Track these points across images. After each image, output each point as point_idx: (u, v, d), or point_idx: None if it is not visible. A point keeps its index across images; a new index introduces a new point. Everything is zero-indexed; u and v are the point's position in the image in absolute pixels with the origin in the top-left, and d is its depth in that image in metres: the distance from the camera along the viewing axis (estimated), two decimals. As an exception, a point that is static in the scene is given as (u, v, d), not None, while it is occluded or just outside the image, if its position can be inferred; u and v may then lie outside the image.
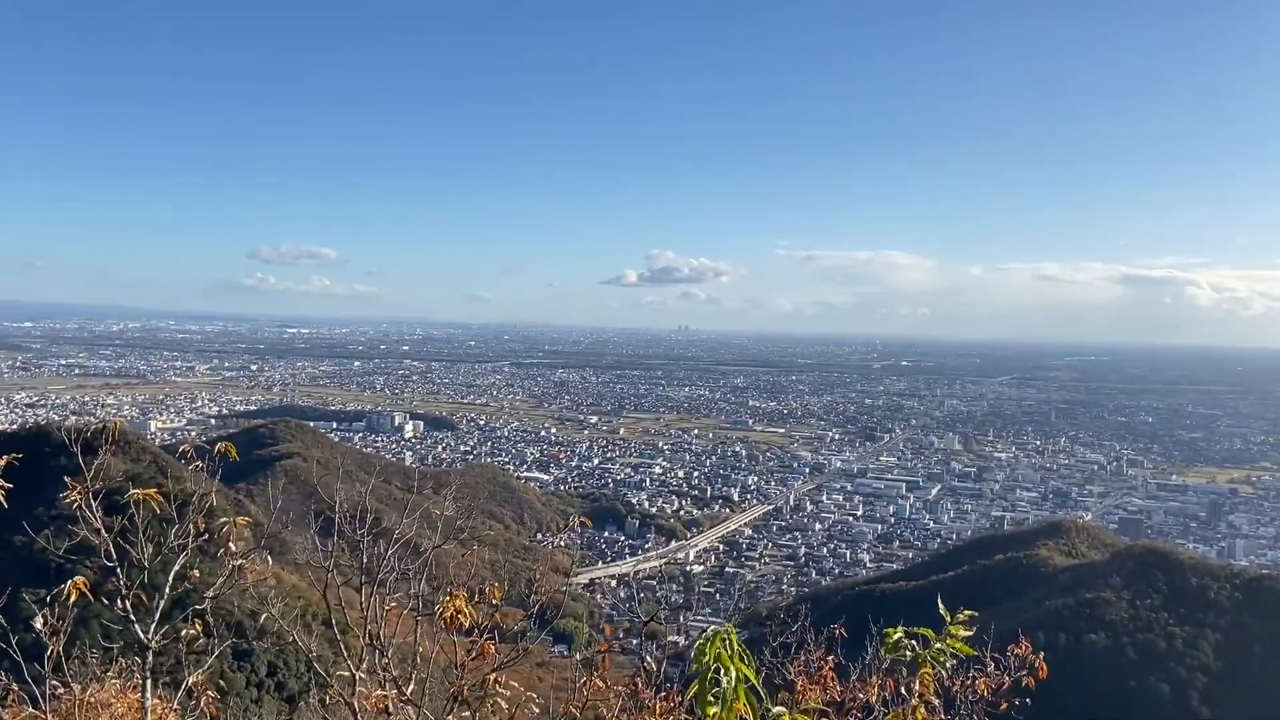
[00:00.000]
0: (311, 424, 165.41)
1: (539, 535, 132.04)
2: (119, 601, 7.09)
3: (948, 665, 6.47)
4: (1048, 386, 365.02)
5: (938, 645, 6.33)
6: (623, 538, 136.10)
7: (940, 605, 6.56)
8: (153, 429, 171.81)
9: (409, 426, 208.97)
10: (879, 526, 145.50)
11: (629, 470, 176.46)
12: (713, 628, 5.66)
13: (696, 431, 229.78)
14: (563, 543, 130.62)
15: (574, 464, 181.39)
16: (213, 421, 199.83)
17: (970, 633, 6.49)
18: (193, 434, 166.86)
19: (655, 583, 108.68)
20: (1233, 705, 66.12)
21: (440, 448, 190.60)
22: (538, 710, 7.03)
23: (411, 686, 7.29)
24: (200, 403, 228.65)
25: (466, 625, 6.82)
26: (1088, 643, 73.03)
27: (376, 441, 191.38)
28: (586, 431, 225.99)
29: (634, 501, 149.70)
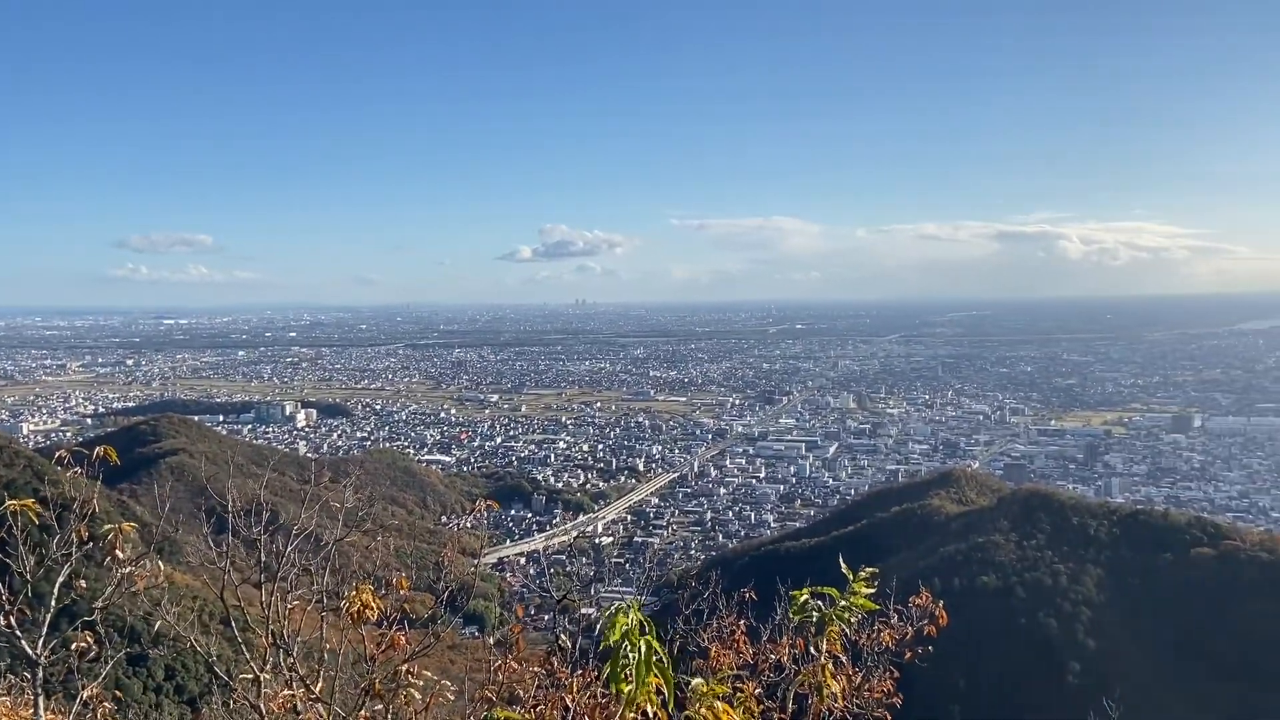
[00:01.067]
0: (196, 418, 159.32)
1: (444, 518, 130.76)
2: (1, 616, 6.77)
3: (853, 622, 6.71)
4: (934, 343, 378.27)
5: (843, 603, 6.54)
6: (530, 515, 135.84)
7: (842, 564, 6.77)
8: (25, 432, 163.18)
9: (301, 415, 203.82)
10: (781, 487, 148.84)
11: (533, 447, 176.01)
12: (617, 603, 5.67)
13: (599, 404, 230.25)
14: (469, 524, 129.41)
15: (476, 444, 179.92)
16: (89, 421, 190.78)
17: (872, 589, 6.72)
18: (68, 435, 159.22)
19: (565, 557, 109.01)
20: (1115, 635, 70.32)
21: (336, 435, 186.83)
22: (453, 697, 6.97)
23: (320, 684, 7.13)
24: (75, 402, 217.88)
25: (375, 618, 6.70)
26: (980, 585, 76.45)
27: (268, 433, 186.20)
28: (488, 411, 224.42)
29: (540, 478, 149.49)
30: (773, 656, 7.10)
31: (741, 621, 7.56)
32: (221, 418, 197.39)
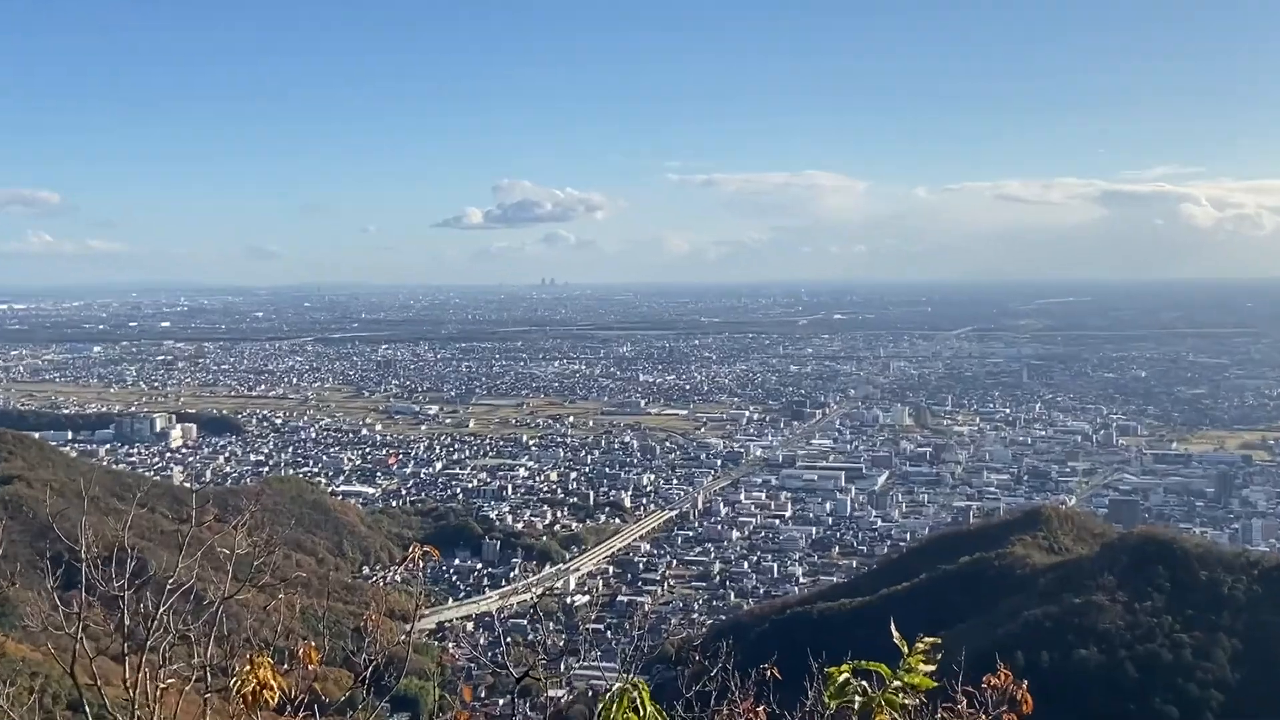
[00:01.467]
0: (37, 435, 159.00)
1: (366, 569, 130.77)
2: None
3: (908, 709, 6.67)
4: (1016, 338, 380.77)
5: (895, 684, 6.50)
6: (480, 565, 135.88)
7: (894, 631, 6.76)
8: None
9: (176, 432, 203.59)
10: (813, 530, 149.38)
11: (484, 475, 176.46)
12: (616, 684, 5.65)
13: (572, 419, 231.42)
14: (400, 577, 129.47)
15: (409, 471, 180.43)
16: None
17: (934, 666, 6.70)
18: None
19: (526, 622, 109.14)
20: (1255, 724, 70.42)
21: (223, 459, 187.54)
22: (379, 805, 6.99)
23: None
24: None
25: (275, 701, 6.69)
26: (1077, 660, 76.68)
27: (132, 455, 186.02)
28: (424, 427, 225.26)
29: (493, 516, 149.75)
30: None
31: (760, 707, 7.58)
32: (70, 435, 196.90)
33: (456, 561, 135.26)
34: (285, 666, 7.16)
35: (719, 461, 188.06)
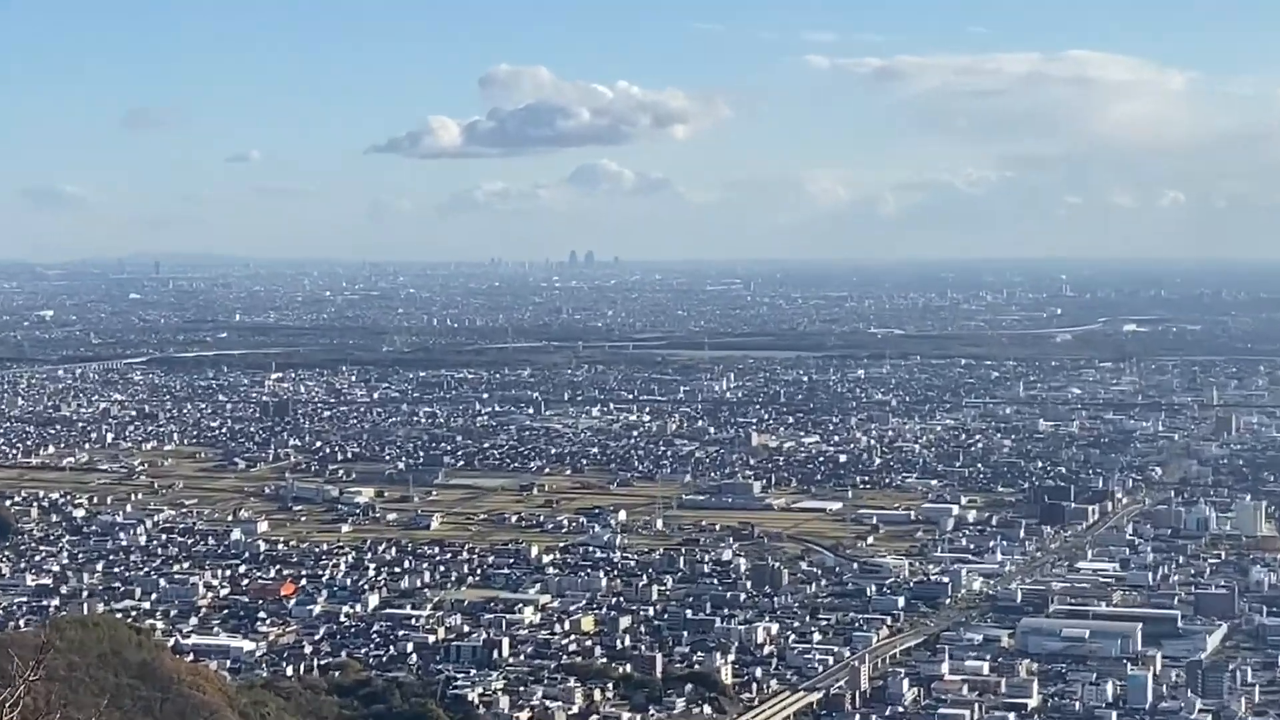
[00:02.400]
0: None
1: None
2: None
3: None
4: None
5: None
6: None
7: None
8: None
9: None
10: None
11: (457, 620, 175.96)
12: None
13: (624, 515, 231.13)
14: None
15: (317, 610, 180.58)
16: None
17: None
18: None
19: None
20: None
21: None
22: None
23: None
24: None
25: None
26: None
27: None
28: (347, 527, 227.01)
29: (473, 698, 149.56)
30: None
31: None
32: None
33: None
34: None
35: (901, 600, 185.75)
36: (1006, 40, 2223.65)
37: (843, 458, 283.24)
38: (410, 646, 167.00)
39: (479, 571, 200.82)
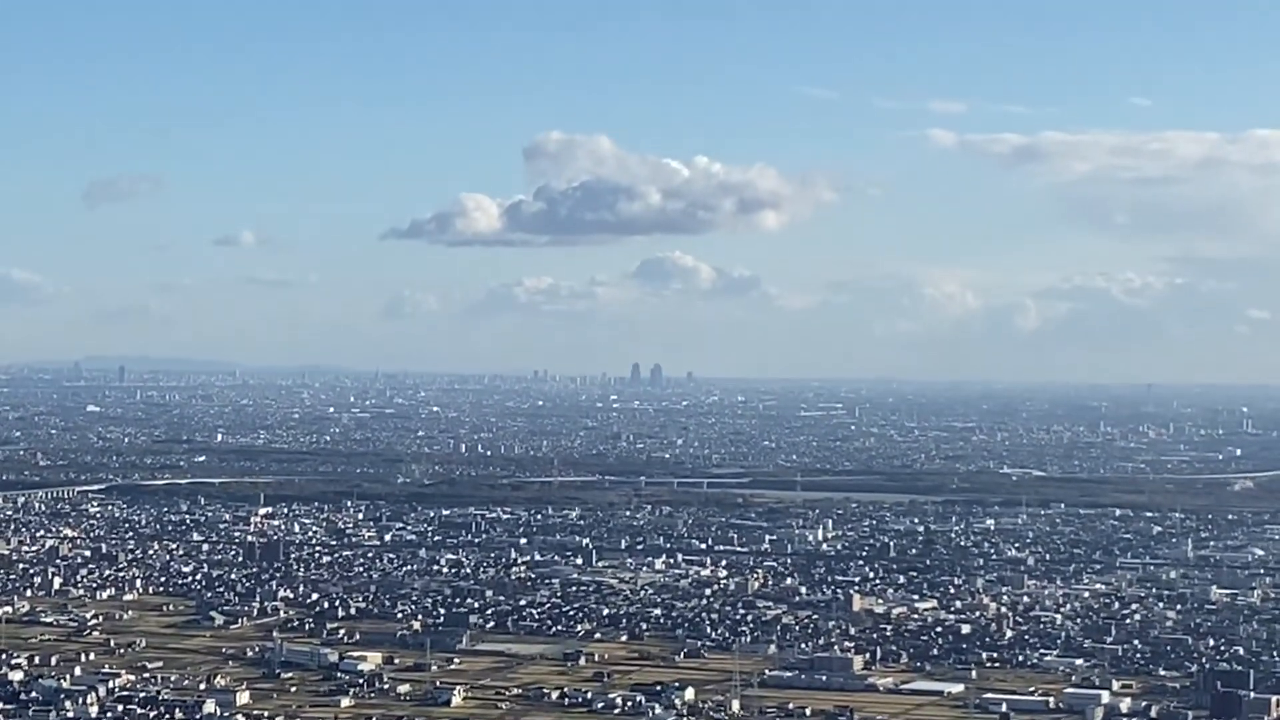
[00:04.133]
0: None
1: None
2: None
3: None
4: None
5: None
6: None
7: None
8: None
9: None
10: None
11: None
12: None
13: (689, 689, 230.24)
14: None
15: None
16: None
17: None
18: None
19: None
20: None
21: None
22: None
23: None
24: None
25: None
26: None
27: None
28: (348, 700, 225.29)
29: None
30: None
31: None
32: None
33: None
34: None
35: None
36: (1176, 116, 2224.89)
37: (966, 628, 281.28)
38: None
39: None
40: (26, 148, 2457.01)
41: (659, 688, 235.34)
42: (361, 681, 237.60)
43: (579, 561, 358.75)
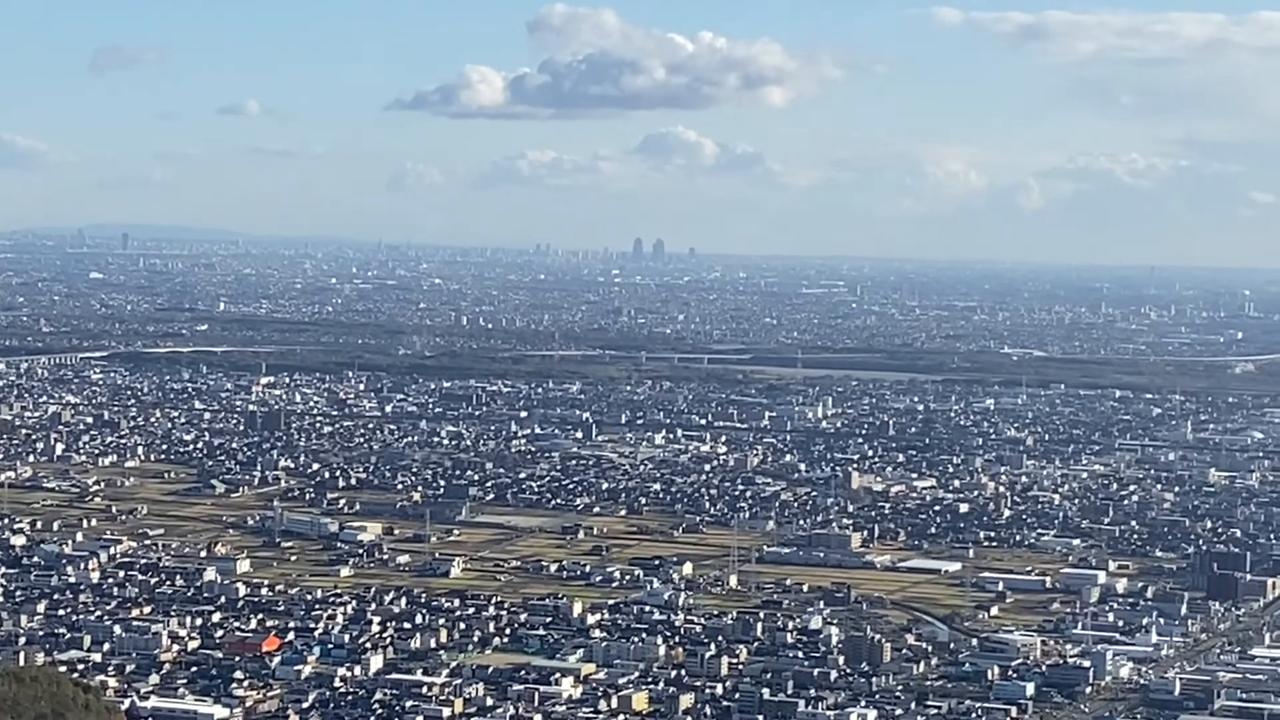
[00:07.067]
0: None
1: None
2: None
3: None
4: None
5: None
6: None
7: None
8: None
9: None
10: None
11: (478, 689, 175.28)
12: None
13: (689, 568, 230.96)
14: None
15: (306, 670, 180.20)
16: None
17: None
18: None
19: None
20: None
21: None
22: None
23: None
24: None
25: None
26: None
27: None
28: (346, 569, 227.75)
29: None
30: None
31: None
32: None
33: None
34: None
35: (1030, 687, 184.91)
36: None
37: (964, 508, 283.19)
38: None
39: (508, 632, 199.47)
40: (34, 14, 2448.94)
41: (657, 562, 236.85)
42: (361, 551, 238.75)
43: (579, 436, 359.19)
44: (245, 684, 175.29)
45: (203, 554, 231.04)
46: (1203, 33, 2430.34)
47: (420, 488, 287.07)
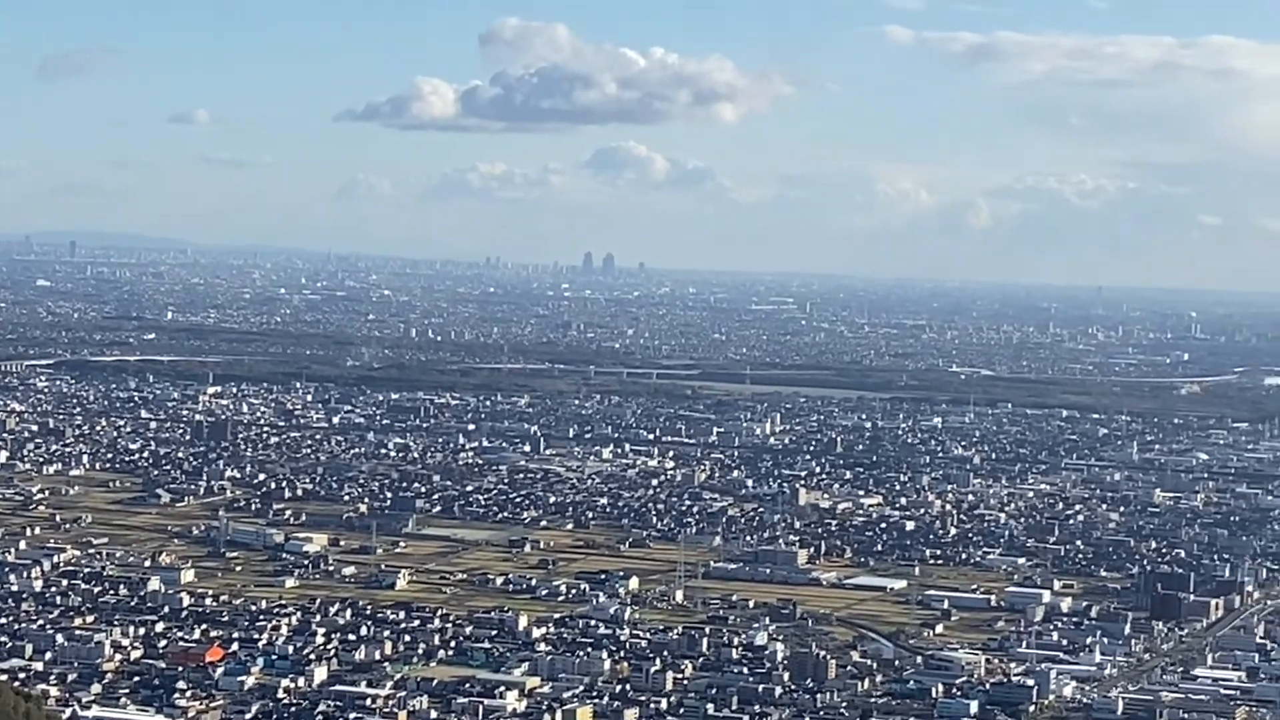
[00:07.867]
0: None
1: None
2: None
3: None
4: None
5: None
6: None
7: None
8: None
9: None
10: None
11: (421, 703, 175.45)
12: None
13: (635, 583, 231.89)
14: None
15: (249, 681, 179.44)
16: None
17: None
18: None
19: None
20: None
21: None
22: None
23: None
24: None
25: None
26: None
27: None
28: (292, 580, 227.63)
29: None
30: None
31: None
32: None
33: None
34: None
35: (974, 705, 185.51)
36: (1132, 20, 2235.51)
37: (910, 525, 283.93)
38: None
39: (453, 644, 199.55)
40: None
41: (603, 576, 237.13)
42: (306, 563, 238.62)
43: (526, 449, 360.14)
44: (188, 694, 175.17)
45: (147, 563, 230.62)
46: (1153, 55, 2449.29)
47: (367, 499, 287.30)
